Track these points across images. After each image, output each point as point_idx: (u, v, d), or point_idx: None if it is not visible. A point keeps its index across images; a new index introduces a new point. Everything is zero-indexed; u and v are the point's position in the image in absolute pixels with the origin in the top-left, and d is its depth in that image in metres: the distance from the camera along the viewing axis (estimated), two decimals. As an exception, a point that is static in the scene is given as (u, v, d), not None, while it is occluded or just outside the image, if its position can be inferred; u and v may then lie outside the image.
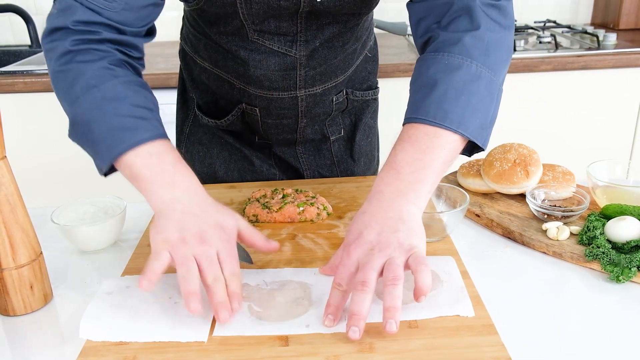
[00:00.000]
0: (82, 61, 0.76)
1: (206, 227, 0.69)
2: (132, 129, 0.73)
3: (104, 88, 0.74)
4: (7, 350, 0.67)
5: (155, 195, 0.72)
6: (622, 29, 2.24)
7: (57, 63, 0.77)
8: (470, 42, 0.74)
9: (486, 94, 0.73)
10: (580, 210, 0.87)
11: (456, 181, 1.03)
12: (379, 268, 0.64)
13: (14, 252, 0.70)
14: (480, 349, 0.61)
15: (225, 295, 0.66)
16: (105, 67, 0.76)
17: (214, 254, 0.68)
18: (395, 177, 0.70)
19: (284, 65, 0.96)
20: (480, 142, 0.73)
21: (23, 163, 1.93)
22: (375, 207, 0.69)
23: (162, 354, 0.63)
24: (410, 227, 0.67)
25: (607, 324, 0.67)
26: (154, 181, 0.72)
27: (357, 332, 0.62)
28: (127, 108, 0.74)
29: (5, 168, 0.69)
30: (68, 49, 0.76)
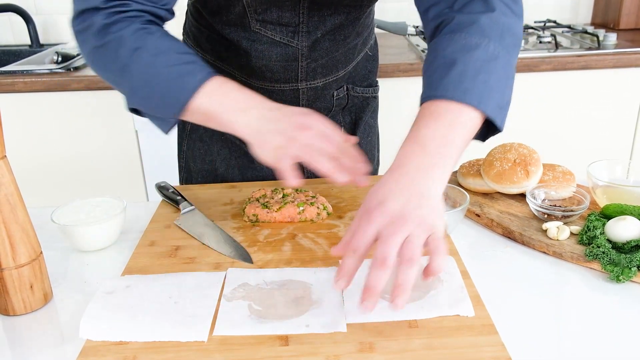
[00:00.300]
0: (118, 30, 0.78)
1: (298, 118, 0.74)
2: (188, 74, 0.76)
3: (147, 46, 0.77)
4: (7, 350, 0.67)
5: (236, 123, 0.75)
6: (623, 29, 2.24)
7: (95, 39, 0.78)
8: (487, 23, 0.74)
9: (503, 74, 0.73)
10: (580, 210, 0.87)
11: (456, 181, 1.03)
12: (400, 244, 0.62)
13: (14, 251, 0.70)
14: (480, 348, 0.61)
15: (353, 160, 0.73)
16: (139, 28, 0.78)
17: (320, 133, 0.73)
18: (420, 152, 0.68)
19: (285, 56, 0.97)
20: (498, 121, 0.72)
21: (23, 163, 1.93)
22: (399, 178, 0.67)
23: (162, 353, 0.63)
24: (433, 205, 0.65)
25: (607, 323, 0.67)
26: (228, 112, 0.75)
27: (372, 304, 0.61)
28: (175, 57, 0.77)
29: (5, 168, 0.69)
30: (103, 22, 0.78)
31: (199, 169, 1.15)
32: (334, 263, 0.79)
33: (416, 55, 1.98)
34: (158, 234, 0.89)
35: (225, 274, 0.77)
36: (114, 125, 1.92)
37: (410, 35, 2.11)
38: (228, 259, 0.81)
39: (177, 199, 0.96)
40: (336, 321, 0.66)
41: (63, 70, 1.88)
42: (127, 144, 1.95)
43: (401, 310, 0.67)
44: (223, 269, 0.78)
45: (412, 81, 1.89)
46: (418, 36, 2.11)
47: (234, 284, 0.74)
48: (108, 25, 0.78)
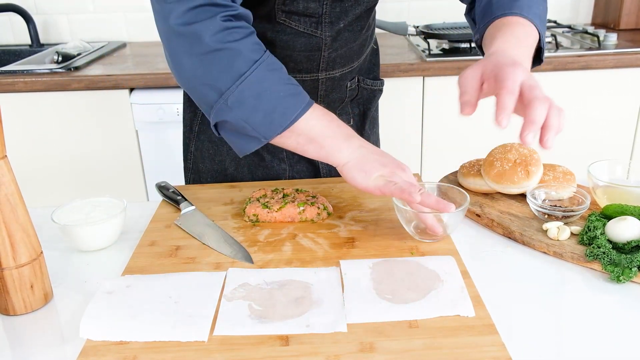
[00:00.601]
0: (236, 39, 0.78)
1: (393, 161, 0.84)
2: (297, 95, 0.81)
3: (265, 60, 0.80)
4: (7, 349, 0.67)
5: (340, 149, 0.82)
6: (623, 29, 2.24)
7: (212, 40, 0.77)
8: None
9: (544, 22, 0.91)
10: (580, 210, 0.87)
11: (457, 181, 1.03)
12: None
13: (14, 251, 0.70)
14: (480, 348, 0.61)
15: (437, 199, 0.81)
16: (256, 42, 0.81)
17: (410, 178, 0.82)
18: (516, 44, 0.83)
19: (309, 46, 0.99)
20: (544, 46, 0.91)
21: (23, 162, 1.93)
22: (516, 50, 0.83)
23: (162, 353, 0.62)
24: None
25: (607, 324, 0.67)
26: (335, 137, 0.82)
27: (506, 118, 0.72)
28: (285, 76, 0.82)
29: (5, 167, 0.69)
30: (223, 25, 0.77)
31: (209, 169, 1.15)
32: (335, 263, 0.79)
33: (416, 55, 1.98)
34: (158, 234, 0.89)
35: (225, 274, 0.77)
36: (114, 125, 1.92)
37: (411, 35, 2.11)
38: (228, 258, 0.81)
39: (178, 199, 0.96)
40: (336, 321, 0.66)
41: (63, 70, 1.88)
42: (127, 144, 1.95)
43: (401, 310, 0.67)
44: (223, 269, 0.78)
45: (412, 81, 1.89)
46: (418, 36, 2.11)
47: (234, 283, 0.74)
48: (227, 29, 0.77)
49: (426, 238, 0.83)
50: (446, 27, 2.20)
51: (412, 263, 0.77)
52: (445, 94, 1.93)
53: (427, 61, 1.88)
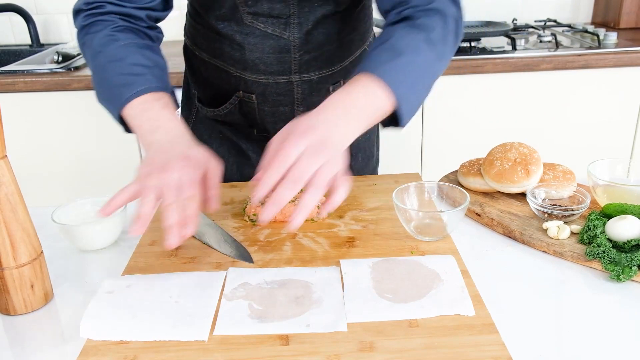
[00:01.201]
0: (91, 32, 0.89)
1: (170, 158, 0.74)
2: (128, 85, 0.83)
3: (105, 52, 0.87)
4: (7, 349, 0.67)
5: (142, 142, 0.81)
6: (623, 28, 2.24)
7: (79, 39, 0.92)
8: (437, 36, 0.81)
9: (429, 84, 0.83)
10: (580, 210, 0.87)
11: (456, 180, 1.03)
12: (315, 170, 0.68)
13: (15, 251, 0.70)
14: (480, 348, 0.61)
15: (175, 219, 0.70)
16: (107, 34, 0.88)
17: (173, 180, 0.71)
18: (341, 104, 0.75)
19: (278, 48, 0.98)
20: (404, 121, 0.80)
21: (24, 162, 1.93)
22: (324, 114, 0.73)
23: (162, 353, 0.63)
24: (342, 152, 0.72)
25: (607, 323, 0.67)
26: (141, 129, 0.81)
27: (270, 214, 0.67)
28: (126, 67, 0.84)
29: (5, 167, 0.69)
30: (81, 24, 0.91)
31: None
32: (335, 262, 0.79)
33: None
34: (159, 234, 0.89)
35: (225, 274, 0.77)
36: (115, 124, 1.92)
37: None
38: (228, 258, 0.81)
39: (178, 199, 0.96)
40: (337, 320, 0.66)
41: (63, 70, 1.88)
42: (127, 143, 1.95)
43: (401, 309, 0.67)
44: (223, 269, 0.78)
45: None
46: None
47: (235, 283, 0.74)
48: (85, 26, 0.90)
49: (426, 237, 0.84)
50: (446, 26, 2.19)
51: (412, 262, 0.77)
52: (445, 93, 1.93)
53: (427, 60, 1.88)
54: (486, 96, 1.94)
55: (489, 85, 1.92)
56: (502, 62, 1.87)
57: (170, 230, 0.69)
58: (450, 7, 0.85)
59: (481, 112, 1.95)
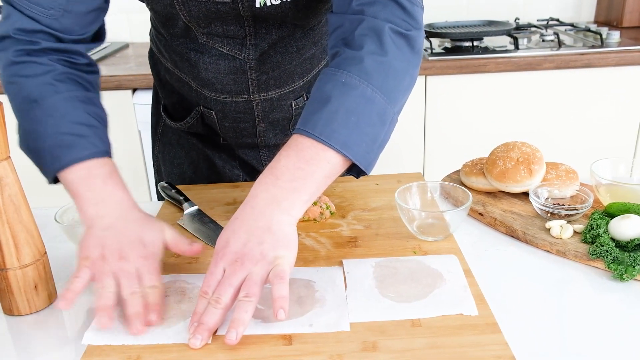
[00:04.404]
0: (24, 75, 0.77)
1: (126, 243, 0.70)
2: (69, 147, 0.74)
3: (45, 104, 0.76)
4: (11, 349, 0.67)
5: (82, 213, 0.74)
6: (626, 27, 2.24)
7: (5, 74, 0.79)
8: (372, 65, 0.71)
9: (377, 119, 0.71)
10: (583, 209, 0.87)
11: (459, 180, 1.03)
12: (237, 284, 0.64)
13: (18, 252, 0.70)
14: (483, 347, 0.61)
15: (139, 307, 0.66)
16: (47, 82, 0.77)
17: (132, 269, 0.69)
18: (272, 183, 0.68)
19: (233, 68, 0.95)
20: (363, 165, 0.70)
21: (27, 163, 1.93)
22: (247, 214, 0.68)
23: (165, 353, 0.63)
24: (277, 238, 0.66)
25: (611, 322, 0.67)
26: (82, 199, 0.74)
27: (199, 340, 0.62)
28: (66, 125, 0.75)
29: (9, 168, 0.69)
30: (11, 60, 0.78)
31: (169, 172, 1.16)
32: (337, 262, 0.79)
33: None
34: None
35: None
36: (117, 125, 1.92)
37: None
38: (231, 258, 0.81)
39: (180, 199, 0.96)
40: (339, 320, 0.66)
41: (66, 71, 1.88)
42: (130, 145, 1.95)
43: (404, 309, 0.67)
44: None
45: (415, 80, 1.89)
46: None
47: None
48: (15, 63, 0.78)
49: (429, 237, 0.84)
50: (448, 25, 2.20)
51: (415, 262, 0.77)
52: (448, 93, 1.93)
53: (429, 60, 1.88)
54: (489, 95, 1.93)
55: (492, 85, 1.92)
56: (505, 62, 1.87)
57: (136, 318, 0.66)
58: (389, 15, 0.73)
59: (484, 111, 1.95)
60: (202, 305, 0.65)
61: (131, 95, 1.90)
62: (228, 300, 0.64)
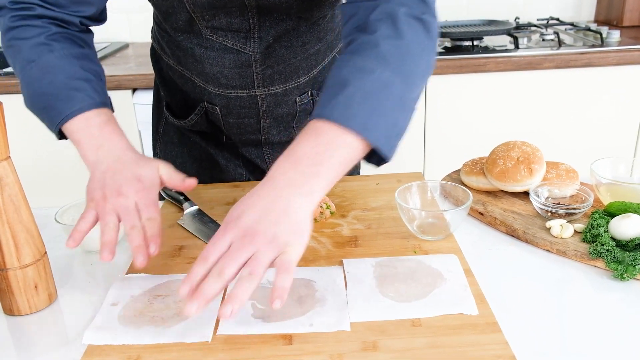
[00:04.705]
0: (20, 37, 0.82)
1: (123, 181, 0.74)
2: (66, 100, 0.79)
3: (40, 62, 0.81)
4: (11, 349, 0.67)
5: (84, 159, 0.79)
6: (626, 26, 2.24)
7: (3, 39, 0.84)
8: (388, 48, 0.70)
9: (396, 103, 0.69)
10: (584, 208, 0.87)
11: (459, 179, 1.03)
12: (243, 260, 0.61)
13: (19, 252, 0.70)
14: (483, 347, 0.61)
15: (140, 240, 0.70)
16: (41, 42, 0.82)
17: (131, 204, 0.72)
18: (291, 168, 0.66)
19: (238, 62, 0.96)
20: (384, 150, 0.68)
21: (27, 163, 1.94)
22: (264, 193, 0.66)
23: (166, 352, 0.63)
24: (293, 223, 0.63)
25: (611, 321, 0.67)
26: (83, 146, 0.79)
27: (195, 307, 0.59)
28: (62, 80, 0.80)
29: (9, 168, 0.69)
30: (8, 25, 0.83)
31: None
32: (337, 262, 0.79)
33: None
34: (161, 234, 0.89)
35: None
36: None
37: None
38: (231, 258, 0.81)
39: (180, 199, 0.96)
40: (340, 320, 0.66)
41: (66, 71, 1.88)
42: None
43: (404, 308, 0.67)
44: (226, 269, 0.78)
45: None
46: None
47: (238, 283, 0.74)
48: (12, 28, 0.83)
49: (429, 236, 0.84)
50: (448, 25, 2.20)
51: (415, 262, 0.77)
52: (448, 92, 1.93)
53: (430, 59, 1.88)
54: (489, 95, 1.93)
55: (492, 84, 1.92)
56: (505, 61, 1.87)
57: (138, 251, 0.70)
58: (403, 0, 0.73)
59: (484, 111, 1.95)
60: (200, 270, 0.62)
61: (131, 95, 1.90)
62: (231, 275, 0.61)
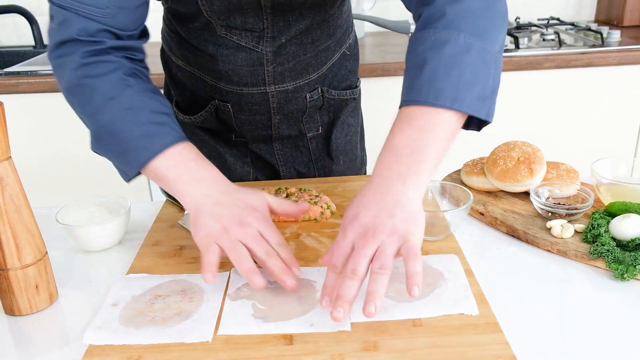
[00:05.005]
0: (94, 75, 0.78)
1: (240, 212, 0.73)
2: (154, 136, 0.76)
3: (121, 99, 0.77)
4: (12, 349, 0.67)
5: (185, 195, 0.75)
6: (626, 26, 2.23)
7: (73, 76, 0.79)
8: (454, 13, 0.70)
9: (480, 64, 0.70)
10: (584, 208, 0.87)
11: (460, 179, 1.03)
12: (370, 255, 0.64)
13: (19, 252, 0.70)
14: (484, 347, 0.61)
15: (281, 264, 0.70)
16: (120, 78, 0.79)
17: (255, 232, 0.72)
18: (394, 160, 0.68)
19: (250, 60, 0.97)
20: (482, 114, 0.70)
21: (28, 163, 1.94)
22: (374, 190, 0.68)
23: (166, 353, 0.63)
24: (408, 212, 0.65)
25: (611, 321, 0.67)
26: (180, 181, 0.76)
27: (342, 313, 0.62)
28: (146, 116, 0.77)
29: (10, 168, 0.69)
30: (80, 62, 0.78)
31: None
32: (338, 262, 0.79)
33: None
34: (162, 234, 0.89)
35: (229, 274, 0.77)
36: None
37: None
38: (232, 258, 0.81)
39: (181, 199, 0.96)
40: (340, 320, 0.66)
41: (67, 70, 1.88)
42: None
43: (405, 309, 0.67)
44: (227, 269, 0.78)
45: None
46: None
47: (238, 283, 0.74)
48: (84, 65, 0.78)
49: (429, 236, 0.83)
50: (449, 25, 2.19)
51: (416, 262, 0.77)
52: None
53: (430, 59, 1.88)
54: (489, 95, 1.93)
55: (492, 84, 1.91)
56: (505, 61, 1.86)
57: (285, 274, 0.69)
58: None
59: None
60: (332, 278, 0.65)
61: (132, 95, 1.90)
62: (364, 271, 0.63)
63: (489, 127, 0.77)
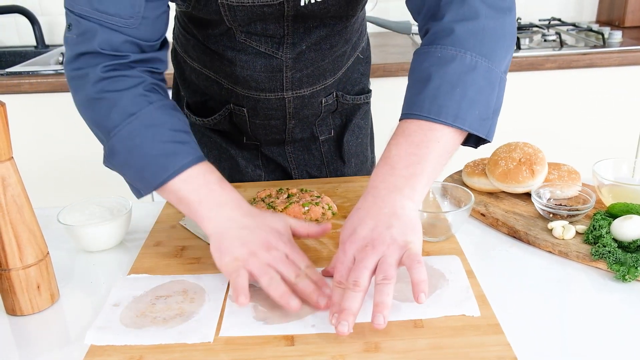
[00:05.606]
0: (115, 90, 0.76)
1: (266, 235, 0.72)
2: (174, 155, 0.75)
3: (142, 115, 0.75)
4: (14, 349, 0.67)
5: (207, 219, 0.74)
6: (628, 27, 2.23)
7: (92, 90, 0.76)
8: (463, 32, 0.70)
9: (485, 84, 0.70)
10: (586, 209, 0.87)
11: (461, 180, 1.03)
12: (372, 267, 0.64)
13: (21, 252, 0.70)
14: (485, 348, 0.61)
15: (312, 284, 0.69)
16: (140, 94, 0.77)
17: (283, 256, 0.71)
18: (389, 173, 0.69)
19: (269, 66, 0.96)
20: (482, 133, 0.71)
21: (30, 163, 1.94)
22: (370, 203, 0.69)
23: (168, 353, 0.63)
24: (405, 222, 0.66)
25: (613, 323, 0.67)
26: (202, 203, 0.74)
27: (346, 327, 0.61)
28: (167, 134, 0.76)
29: (12, 169, 0.69)
30: (100, 76, 0.76)
31: None
32: (339, 263, 0.79)
33: (420, 54, 1.97)
34: (163, 234, 0.89)
35: (230, 274, 0.77)
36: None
37: (414, 34, 2.11)
38: (233, 259, 0.81)
39: (183, 199, 0.96)
40: (342, 321, 0.66)
41: (68, 71, 1.88)
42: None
43: (407, 309, 0.67)
44: (228, 269, 0.78)
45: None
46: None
47: (240, 284, 0.74)
48: (104, 79, 0.76)
49: (431, 237, 0.83)
50: (450, 25, 2.19)
51: (417, 263, 0.77)
52: (450, 93, 1.92)
53: (431, 60, 1.88)
54: (490, 96, 1.93)
55: (493, 85, 1.91)
56: (507, 62, 1.87)
57: (318, 294, 0.68)
58: None
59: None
60: (339, 294, 0.65)
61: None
62: (366, 282, 0.63)
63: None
